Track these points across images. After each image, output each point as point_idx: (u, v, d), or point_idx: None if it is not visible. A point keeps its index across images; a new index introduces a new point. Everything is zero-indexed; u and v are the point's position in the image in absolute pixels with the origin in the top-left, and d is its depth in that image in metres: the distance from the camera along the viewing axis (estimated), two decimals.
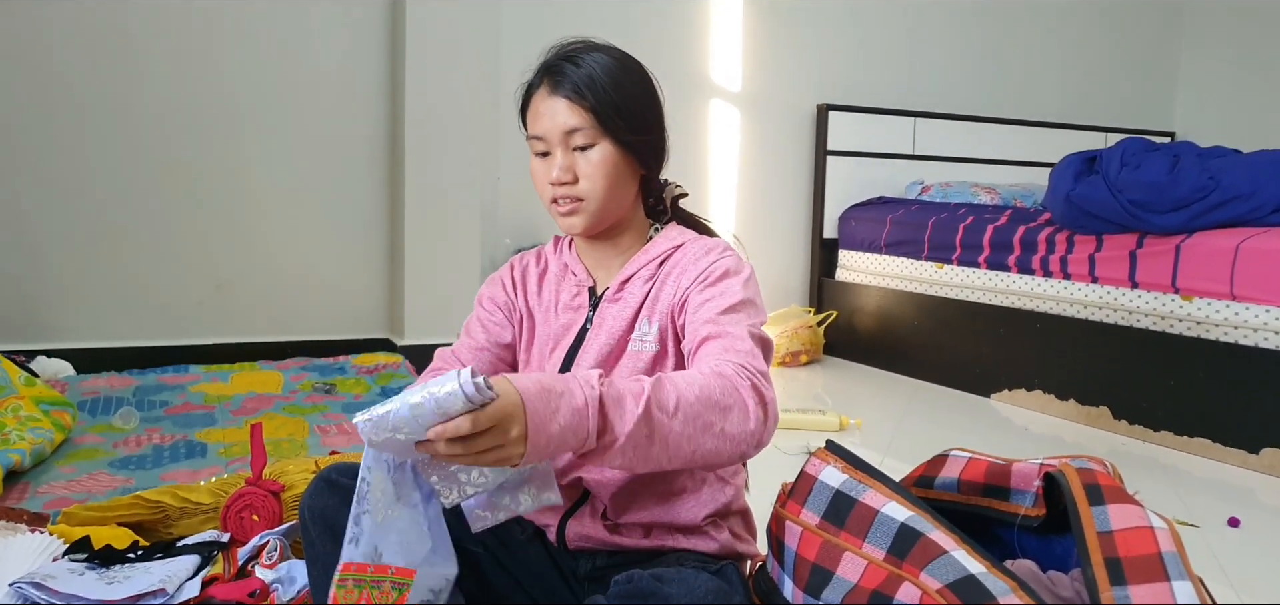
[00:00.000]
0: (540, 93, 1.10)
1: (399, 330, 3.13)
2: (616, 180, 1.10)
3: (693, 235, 1.17)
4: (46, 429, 1.96)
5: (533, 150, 1.12)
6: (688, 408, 0.90)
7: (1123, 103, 4.75)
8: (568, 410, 0.84)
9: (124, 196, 2.83)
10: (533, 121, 1.11)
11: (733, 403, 0.92)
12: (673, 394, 0.90)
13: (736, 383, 0.93)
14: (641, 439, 0.87)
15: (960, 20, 4.26)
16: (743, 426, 0.92)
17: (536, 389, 0.83)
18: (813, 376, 3.36)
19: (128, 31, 2.77)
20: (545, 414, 0.83)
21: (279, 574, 1.30)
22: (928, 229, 3.38)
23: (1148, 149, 2.71)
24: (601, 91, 1.07)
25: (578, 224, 1.11)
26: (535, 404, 0.82)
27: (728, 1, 3.70)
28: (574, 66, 1.08)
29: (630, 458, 0.88)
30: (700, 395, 0.91)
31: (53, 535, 1.35)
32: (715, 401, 0.91)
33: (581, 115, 1.07)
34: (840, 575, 0.91)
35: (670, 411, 0.89)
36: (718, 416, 0.91)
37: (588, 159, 1.08)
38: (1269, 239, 2.40)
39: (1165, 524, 0.85)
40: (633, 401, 0.87)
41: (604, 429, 0.86)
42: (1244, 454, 2.36)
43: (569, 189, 1.09)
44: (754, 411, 0.93)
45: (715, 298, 1.05)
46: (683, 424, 0.89)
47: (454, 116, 3.06)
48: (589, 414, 0.85)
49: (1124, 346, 2.67)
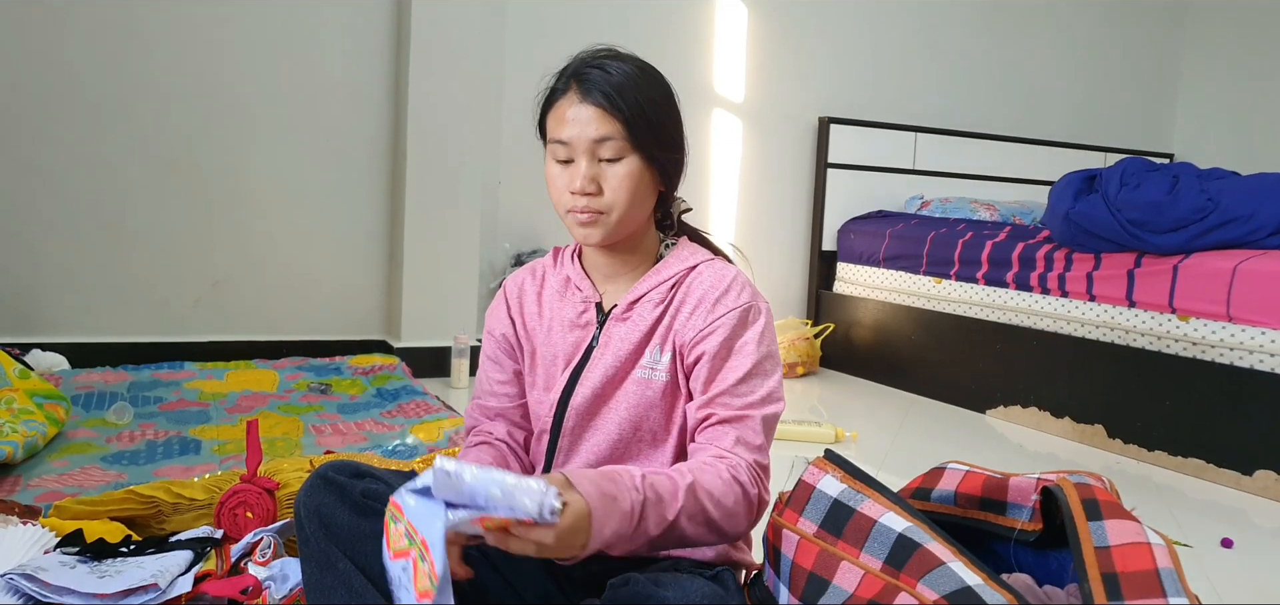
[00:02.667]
0: (568, 98, 1.07)
1: (396, 332, 3.13)
2: (639, 195, 1.08)
3: (706, 256, 1.15)
4: (40, 422, 1.95)
5: (553, 156, 1.09)
6: (706, 519, 0.99)
7: (1123, 123, 4.78)
8: (617, 516, 0.90)
9: (123, 192, 2.82)
10: (557, 126, 1.08)
11: (739, 512, 1.01)
12: (697, 503, 0.97)
13: (748, 496, 1.02)
14: (659, 540, 0.96)
15: (962, 38, 4.28)
16: (735, 529, 1.03)
17: (598, 497, 0.88)
18: (809, 388, 3.36)
19: (131, 28, 2.77)
20: (603, 521, 0.88)
21: (272, 571, 1.29)
22: (926, 244, 3.39)
23: (1147, 169, 2.72)
24: (634, 104, 1.05)
25: (595, 235, 1.08)
26: (599, 514, 0.88)
27: (732, 12, 3.72)
28: (605, 75, 1.06)
29: (639, 547, 0.96)
30: (716, 509, 0.99)
31: (44, 528, 1.35)
32: (728, 511, 1.00)
33: (612, 126, 1.05)
34: (837, 584, 0.91)
35: (690, 516, 0.97)
36: (725, 521, 1.00)
37: (614, 171, 1.06)
38: (1266, 261, 2.41)
39: (1162, 541, 0.85)
40: (668, 506, 0.95)
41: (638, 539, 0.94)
42: (1237, 475, 2.37)
43: (591, 200, 1.06)
44: (748, 518, 1.03)
45: (732, 364, 1.06)
46: (693, 528, 0.98)
47: (456, 120, 3.07)
48: (632, 519, 0.91)
49: (1120, 365, 2.67)
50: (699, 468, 1.01)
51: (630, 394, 1.10)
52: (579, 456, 1.13)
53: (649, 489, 0.93)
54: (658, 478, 0.95)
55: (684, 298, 1.11)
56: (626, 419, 1.10)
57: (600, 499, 0.88)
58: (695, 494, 0.97)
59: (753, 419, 1.05)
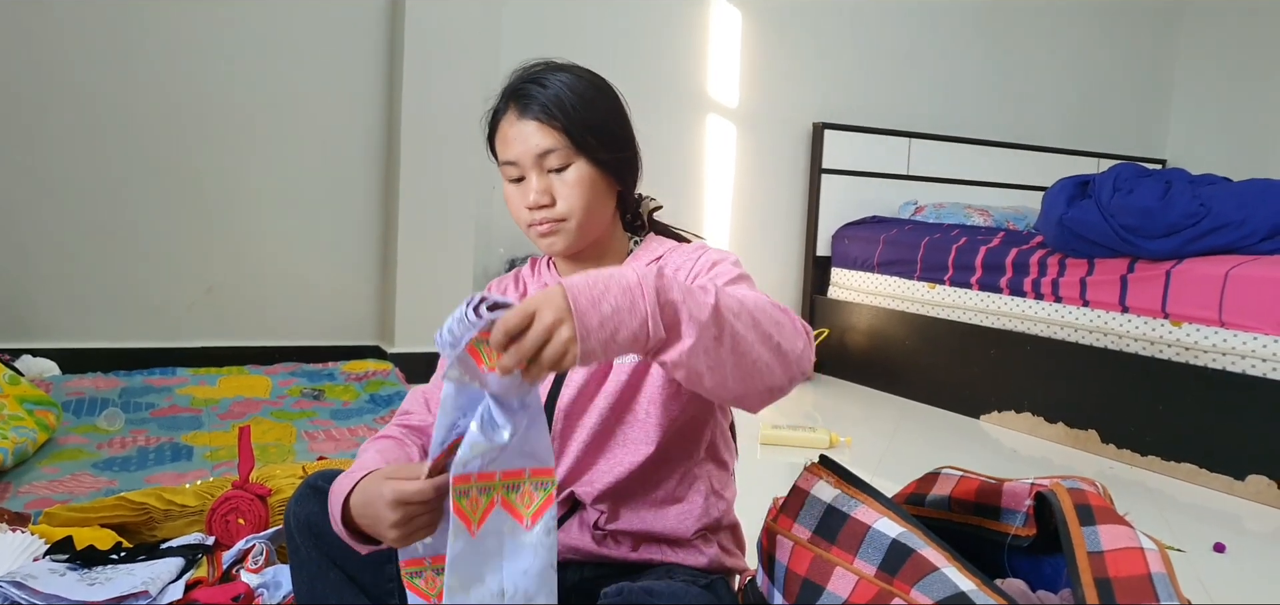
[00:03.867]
0: (507, 118, 1.09)
1: (389, 338, 3.12)
2: (594, 198, 1.09)
3: (672, 244, 1.17)
4: (30, 428, 1.94)
5: (506, 176, 1.11)
6: (750, 313, 0.85)
7: (1116, 129, 4.80)
8: (618, 289, 0.78)
9: (116, 197, 2.81)
10: (503, 147, 1.10)
11: (783, 319, 0.89)
12: (734, 297, 0.85)
13: (793, 319, 0.90)
14: (710, 337, 0.81)
15: (957, 44, 4.29)
16: (794, 344, 0.89)
17: (579, 276, 0.79)
18: (803, 394, 3.36)
19: (124, 33, 2.77)
20: (589, 295, 0.77)
21: (264, 578, 1.28)
22: (920, 249, 3.40)
23: (1140, 175, 2.73)
24: (571, 111, 1.06)
25: (558, 243, 1.09)
26: (576, 285, 0.77)
27: (727, 18, 3.72)
28: (541, 88, 1.07)
29: (699, 355, 0.81)
30: (757, 304, 0.87)
31: (34, 535, 1.34)
32: (770, 314, 0.88)
33: (554, 136, 1.06)
34: (831, 590, 0.90)
35: (735, 311, 0.84)
36: (774, 329, 0.87)
37: (564, 180, 1.07)
38: (1258, 267, 2.42)
39: (1155, 546, 0.85)
40: (699, 291, 0.82)
41: (666, 312, 0.80)
42: (1230, 480, 2.37)
43: (547, 212, 1.07)
44: (801, 329, 0.90)
45: (714, 273, 1.04)
46: (747, 327, 0.84)
47: (451, 124, 3.06)
48: (644, 292, 0.78)
49: (1113, 370, 2.68)
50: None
51: (614, 383, 1.10)
52: (569, 453, 1.13)
53: (668, 278, 0.81)
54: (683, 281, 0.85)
55: None
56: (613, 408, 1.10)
57: (581, 277, 0.79)
58: (733, 292, 0.87)
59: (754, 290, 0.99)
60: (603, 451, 1.11)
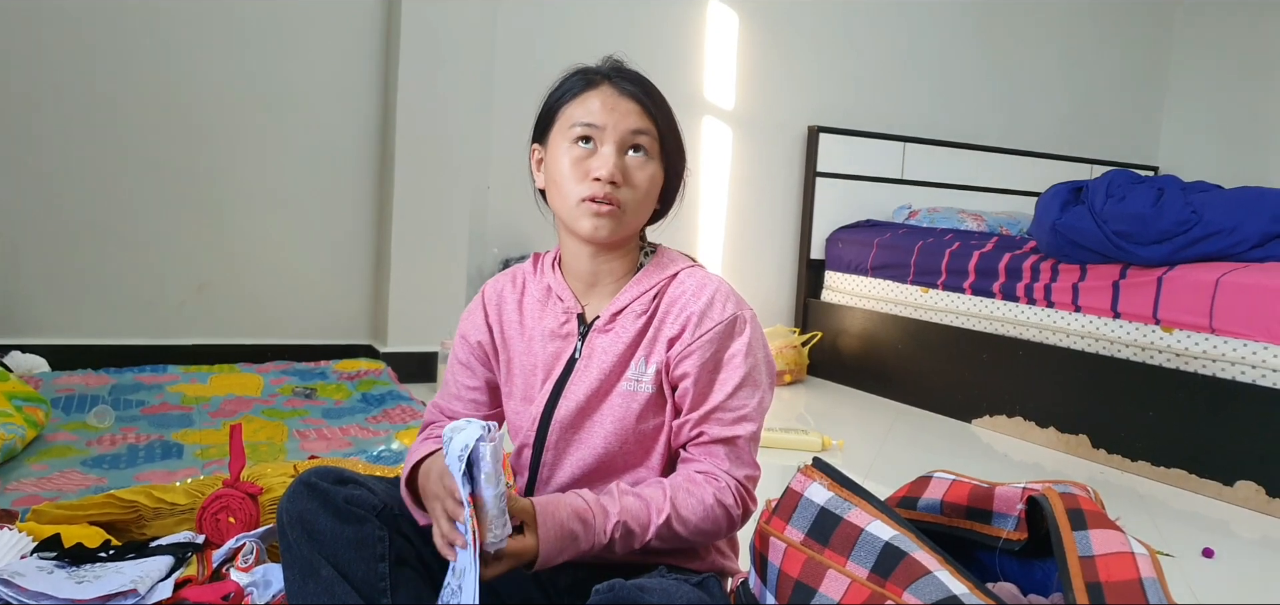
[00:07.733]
0: (602, 90, 1.07)
1: (382, 336, 3.11)
2: (648, 202, 1.11)
3: (685, 262, 1.15)
4: (18, 424, 1.92)
5: (570, 140, 1.06)
6: (678, 541, 1.04)
7: (1109, 135, 4.82)
8: (572, 552, 0.99)
9: (107, 193, 2.80)
10: (583, 113, 1.06)
11: (717, 534, 1.06)
12: (673, 532, 1.03)
13: (731, 517, 1.06)
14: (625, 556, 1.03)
15: (951, 50, 4.31)
16: (714, 540, 1.08)
17: (555, 538, 0.98)
18: (796, 396, 3.37)
19: (114, 28, 2.75)
20: (554, 556, 0.98)
21: (254, 577, 1.28)
22: (914, 253, 3.41)
23: (1133, 181, 2.75)
24: (666, 115, 1.10)
25: (606, 228, 1.06)
26: (548, 554, 0.98)
27: (723, 20, 3.73)
28: (640, 78, 1.10)
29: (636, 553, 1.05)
30: (692, 534, 1.04)
31: (22, 533, 1.33)
32: (705, 534, 1.05)
33: (649, 123, 1.08)
34: (823, 593, 0.90)
35: (661, 539, 1.03)
36: (698, 540, 1.06)
37: (642, 169, 1.08)
38: (1248, 274, 2.43)
39: (1146, 550, 0.85)
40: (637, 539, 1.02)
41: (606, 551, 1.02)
42: (1219, 486, 2.38)
43: (615, 191, 1.05)
44: (728, 529, 1.07)
45: (722, 378, 1.07)
46: (664, 546, 1.04)
47: (445, 124, 3.06)
48: (590, 551, 1.00)
49: (1105, 376, 2.69)
50: (683, 490, 1.04)
51: (615, 407, 1.09)
52: (564, 470, 1.12)
53: (618, 530, 1.00)
54: (635, 509, 1.02)
55: (668, 308, 1.10)
56: (613, 432, 1.09)
57: (558, 539, 0.98)
58: (670, 524, 1.02)
59: (745, 435, 1.07)
60: (598, 465, 1.11)
